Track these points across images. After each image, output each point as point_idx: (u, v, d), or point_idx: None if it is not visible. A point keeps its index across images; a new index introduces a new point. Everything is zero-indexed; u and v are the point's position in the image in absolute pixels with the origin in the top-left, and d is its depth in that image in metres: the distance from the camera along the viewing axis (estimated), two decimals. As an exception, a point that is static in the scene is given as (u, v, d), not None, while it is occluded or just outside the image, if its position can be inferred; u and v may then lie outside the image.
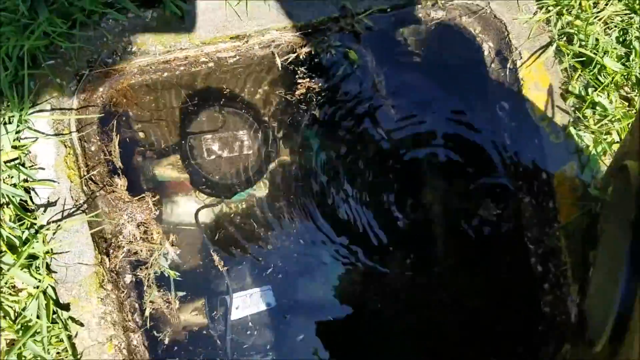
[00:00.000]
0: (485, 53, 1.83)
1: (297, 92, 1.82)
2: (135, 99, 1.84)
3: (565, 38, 1.75)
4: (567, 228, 1.68)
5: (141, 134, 1.90)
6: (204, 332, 1.78)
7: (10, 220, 1.47)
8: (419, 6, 1.75)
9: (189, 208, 1.90)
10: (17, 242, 1.45)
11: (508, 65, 1.74)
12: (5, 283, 1.44)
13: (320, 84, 1.82)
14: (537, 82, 1.73)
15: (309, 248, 1.94)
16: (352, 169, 1.94)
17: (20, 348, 1.40)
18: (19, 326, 1.42)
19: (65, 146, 1.53)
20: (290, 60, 1.76)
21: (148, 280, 1.60)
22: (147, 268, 1.60)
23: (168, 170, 1.83)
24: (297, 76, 1.82)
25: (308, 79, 1.80)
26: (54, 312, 1.47)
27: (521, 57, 1.73)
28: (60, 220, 1.49)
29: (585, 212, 1.67)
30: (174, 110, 1.93)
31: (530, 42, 1.73)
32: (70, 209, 1.50)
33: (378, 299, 1.91)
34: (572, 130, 1.70)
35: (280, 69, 1.78)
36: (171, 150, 1.91)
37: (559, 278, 1.73)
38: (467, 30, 1.84)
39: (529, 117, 1.73)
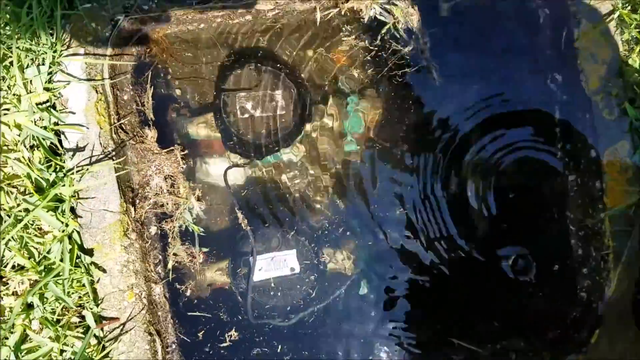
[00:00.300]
0: (542, 19, 1.70)
1: (337, 51, 1.75)
2: (171, 50, 1.81)
3: (629, 7, 1.61)
4: (613, 211, 1.57)
5: (177, 91, 1.87)
6: (226, 289, 1.76)
7: (39, 162, 1.47)
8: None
9: (218, 167, 1.87)
10: (45, 185, 1.45)
11: (565, 33, 1.62)
12: (31, 224, 1.45)
13: (362, 43, 1.73)
14: (595, 53, 1.61)
15: (338, 216, 1.89)
16: (388, 138, 1.86)
17: (41, 288, 1.40)
18: (42, 267, 1.43)
19: (97, 92, 1.51)
20: (331, 15, 1.69)
21: (172, 233, 1.58)
22: (172, 221, 1.58)
23: (201, 128, 1.80)
24: (337, 34, 1.74)
25: (349, 37, 1.72)
26: (77, 257, 1.47)
27: (580, 25, 1.60)
28: (88, 165, 1.47)
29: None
30: (209, 66, 1.88)
31: (591, 10, 1.61)
32: (99, 155, 1.49)
33: (406, 272, 1.86)
34: (628, 107, 1.58)
35: (320, 24, 1.71)
36: (205, 108, 1.87)
37: (599, 263, 1.63)
38: (523, -7, 1.72)
39: (582, 90, 1.61)
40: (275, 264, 1.74)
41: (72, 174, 1.45)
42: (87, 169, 1.46)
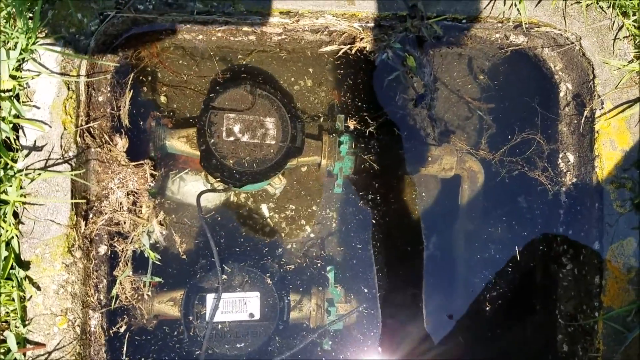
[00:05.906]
0: (561, 94, 1.58)
1: (340, 89, 1.61)
2: (162, 57, 1.67)
3: (659, 97, 1.49)
4: (612, 313, 1.43)
5: (162, 98, 1.74)
6: (174, 326, 1.59)
7: (-12, 155, 1.31)
8: (500, 25, 1.51)
9: (193, 188, 1.72)
10: (-10, 182, 1.29)
11: (585, 113, 1.50)
12: (-35, 224, 1.28)
13: (366, 86, 1.60)
14: (614, 139, 1.48)
15: (312, 260, 1.74)
16: (376, 190, 1.74)
17: (-40, 299, 1.23)
18: (-33, 274, 1.25)
19: (69, 89, 1.36)
20: (340, 52, 1.55)
21: (124, 257, 1.42)
22: (126, 243, 1.42)
23: (181, 142, 1.65)
24: (343, 72, 1.61)
25: (354, 77, 1.58)
26: (11, 267, 1.30)
27: (602, 108, 1.48)
28: (42, 168, 1.31)
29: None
30: (201, 80, 1.75)
31: (617, 93, 1.48)
32: (57, 158, 1.33)
33: (383, 337, 1.71)
34: (642, 204, 1.45)
35: (327, 59, 1.57)
36: (189, 122, 1.73)
37: (585, 365, 1.48)
38: (546, 65, 1.60)
39: (595, 177, 1.48)
40: (233, 306, 1.58)
41: (22, 175, 1.29)
42: (40, 174, 1.30)
